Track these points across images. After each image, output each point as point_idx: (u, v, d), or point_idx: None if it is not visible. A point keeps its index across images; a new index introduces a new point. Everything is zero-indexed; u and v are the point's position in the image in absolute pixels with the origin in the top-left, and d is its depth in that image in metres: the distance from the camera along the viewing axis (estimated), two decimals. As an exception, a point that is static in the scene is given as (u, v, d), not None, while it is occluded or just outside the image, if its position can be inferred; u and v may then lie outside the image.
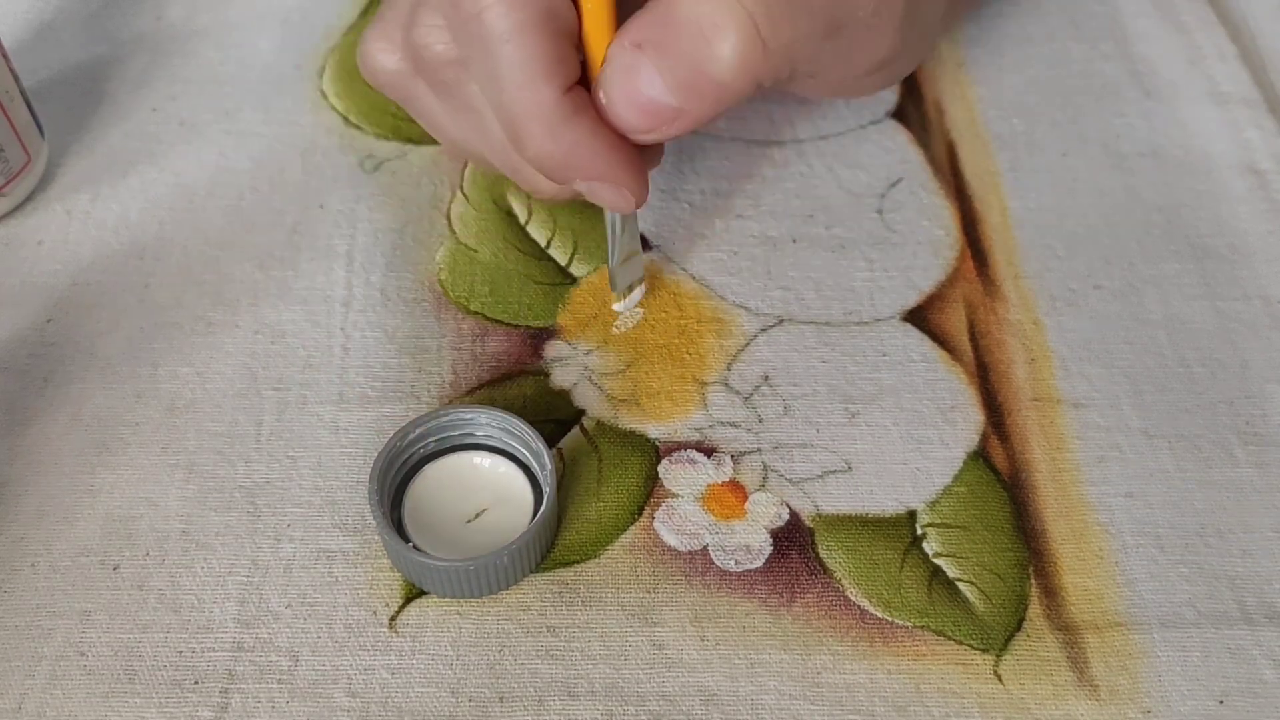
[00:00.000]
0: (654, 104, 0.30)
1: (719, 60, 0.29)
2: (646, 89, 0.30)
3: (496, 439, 0.33)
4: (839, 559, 0.32)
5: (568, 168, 0.31)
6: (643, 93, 0.30)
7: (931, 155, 0.42)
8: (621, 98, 0.30)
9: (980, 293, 0.38)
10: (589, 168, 0.31)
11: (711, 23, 0.29)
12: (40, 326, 0.37)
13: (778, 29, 0.29)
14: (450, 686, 0.30)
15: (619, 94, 0.30)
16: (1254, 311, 0.37)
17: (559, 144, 0.30)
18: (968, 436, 0.35)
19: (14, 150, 0.38)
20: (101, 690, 0.30)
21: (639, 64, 0.30)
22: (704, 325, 0.37)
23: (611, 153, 0.31)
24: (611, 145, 0.31)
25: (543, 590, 0.32)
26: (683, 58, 0.29)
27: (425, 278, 0.38)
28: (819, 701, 0.30)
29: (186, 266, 0.38)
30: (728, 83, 0.30)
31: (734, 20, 0.29)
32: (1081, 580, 0.32)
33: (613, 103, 0.30)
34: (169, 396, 0.35)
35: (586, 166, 0.31)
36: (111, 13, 0.46)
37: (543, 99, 0.30)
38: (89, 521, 0.33)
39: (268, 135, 0.42)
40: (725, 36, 0.29)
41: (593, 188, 0.32)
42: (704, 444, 0.34)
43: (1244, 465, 0.34)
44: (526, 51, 0.29)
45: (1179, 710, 0.30)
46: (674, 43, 0.29)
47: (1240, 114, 0.43)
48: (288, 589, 0.32)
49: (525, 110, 0.30)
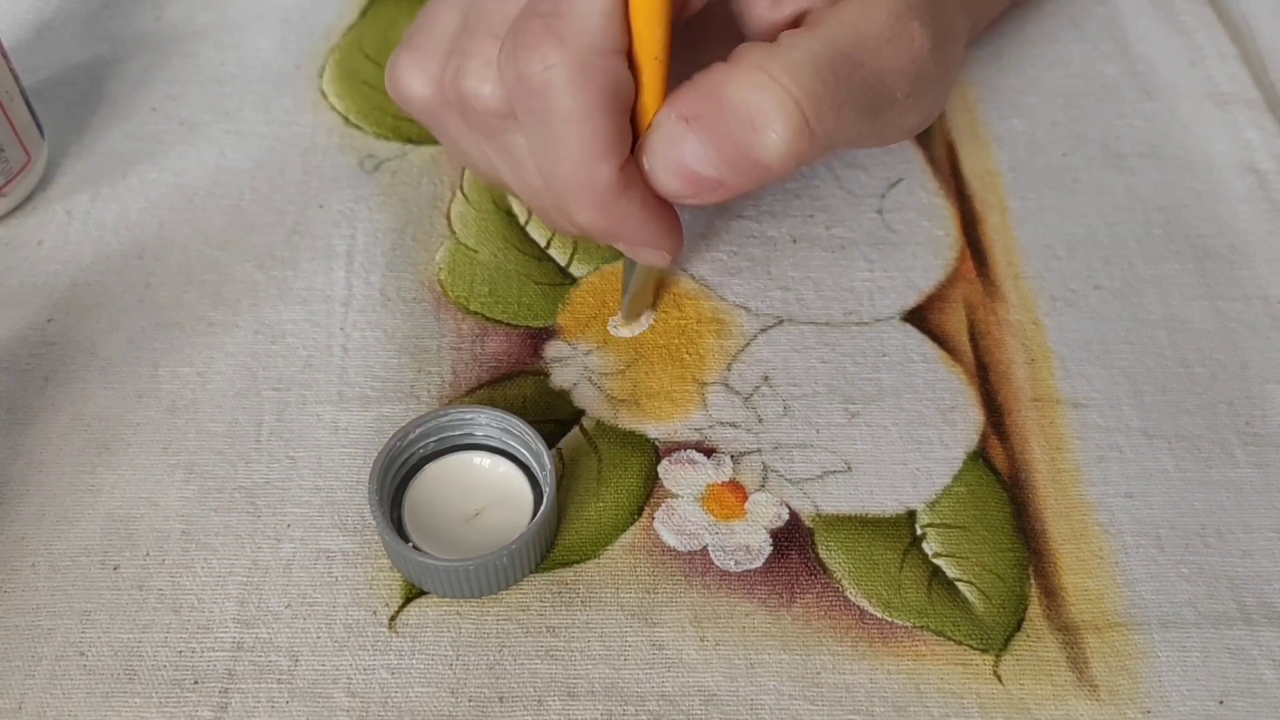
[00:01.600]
0: (697, 176, 0.30)
1: (766, 147, 0.29)
2: (691, 161, 0.30)
3: (496, 439, 0.33)
4: (839, 559, 0.32)
5: (613, 236, 0.32)
6: (687, 164, 0.30)
7: (931, 155, 0.42)
8: (665, 166, 0.30)
9: (980, 293, 0.38)
10: (633, 235, 0.32)
11: (761, 111, 0.29)
12: (41, 326, 0.37)
13: (823, 119, 0.29)
14: (450, 686, 0.30)
15: (663, 162, 0.30)
16: (1254, 311, 0.37)
17: (607, 217, 0.31)
18: (967, 437, 0.35)
19: (14, 150, 0.38)
20: (101, 690, 0.30)
21: (686, 136, 0.30)
22: (704, 325, 0.37)
23: (655, 221, 0.31)
24: (655, 214, 0.31)
25: (542, 590, 0.32)
26: (729, 138, 0.29)
27: (425, 278, 0.38)
28: (819, 702, 0.30)
29: (187, 266, 0.38)
30: (773, 166, 0.30)
31: (783, 112, 0.29)
32: (1081, 580, 0.32)
33: (655, 169, 0.30)
34: (169, 396, 0.35)
35: (632, 234, 0.31)
36: (111, 13, 0.46)
37: (598, 180, 0.30)
38: (89, 521, 0.33)
39: (268, 135, 0.42)
40: (773, 126, 0.29)
41: (633, 250, 0.32)
42: (704, 444, 0.34)
43: (1244, 465, 0.34)
44: (589, 134, 0.29)
45: (1179, 710, 0.30)
46: (721, 123, 0.29)
47: (1240, 114, 0.43)
48: (288, 589, 0.32)
49: (578, 187, 0.30)
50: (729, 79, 0.29)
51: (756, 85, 0.29)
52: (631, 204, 0.31)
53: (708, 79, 0.30)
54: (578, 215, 0.31)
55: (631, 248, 0.32)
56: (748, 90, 0.29)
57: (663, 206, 0.31)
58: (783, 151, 0.29)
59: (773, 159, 0.30)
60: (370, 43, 0.45)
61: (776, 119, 0.29)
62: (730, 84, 0.29)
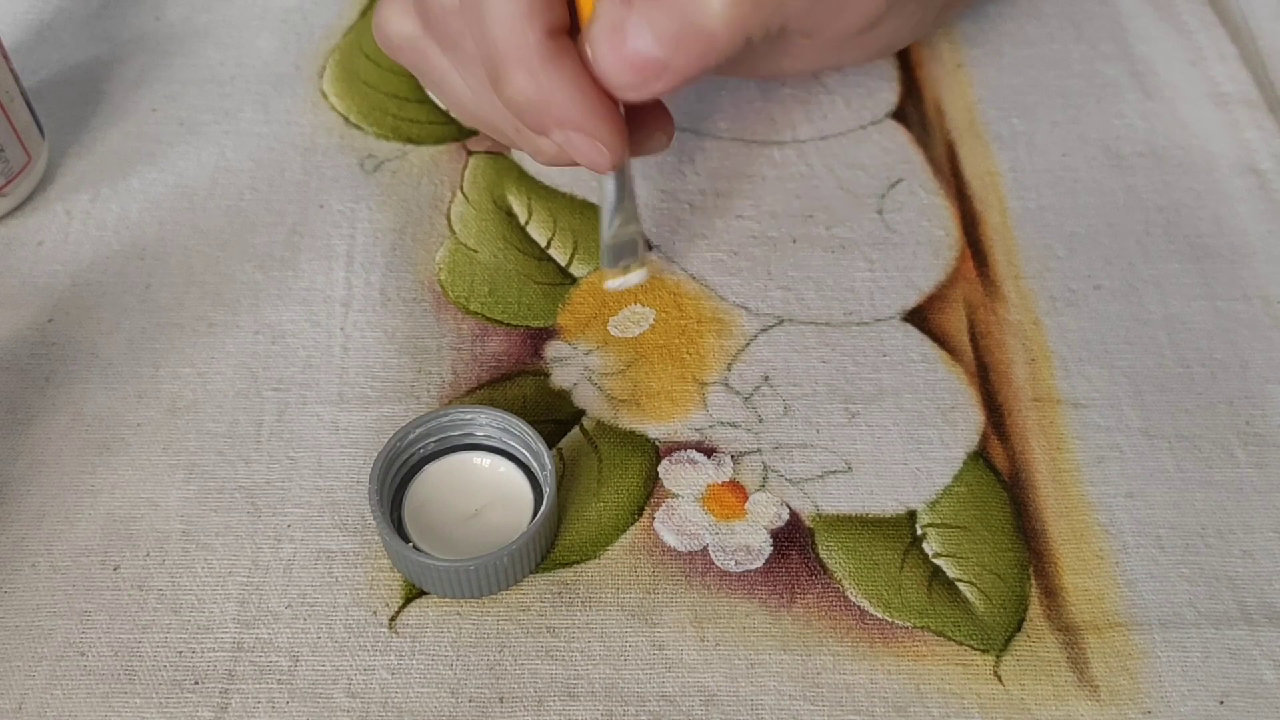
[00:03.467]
0: (640, 57, 0.30)
1: (709, 10, 0.29)
2: (633, 42, 0.29)
3: (496, 439, 0.33)
4: (839, 559, 0.32)
5: (544, 112, 0.31)
6: (629, 45, 0.29)
7: (931, 155, 0.42)
8: (608, 51, 0.30)
9: (980, 293, 0.38)
10: (565, 115, 0.30)
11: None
12: (41, 326, 0.37)
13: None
14: (450, 687, 0.30)
15: (606, 47, 0.30)
16: (1254, 311, 0.37)
17: (537, 86, 0.30)
18: (968, 437, 0.35)
19: (14, 150, 0.38)
20: (101, 690, 0.30)
21: (627, 17, 0.29)
22: (704, 325, 0.37)
23: (589, 102, 0.30)
24: (590, 94, 0.30)
25: (543, 590, 0.32)
26: (672, 9, 0.29)
27: (425, 278, 0.38)
28: (819, 702, 0.30)
29: (187, 267, 0.38)
30: (717, 34, 0.29)
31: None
32: (1082, 581, 0.32)
33: (599, 57, 0.30)
34: (170, 397, 0.35)
35: (562, 113, 0.30)
36: (111, 13, 0.46)
37: (525, 39, 0.30)
38: (90, 522, 0.33)
39: (268, 135, 0.42)
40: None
41: (569, 138, 0.31)
42: (704, 444, 0.34)
43: (1244, 465, 0.34)
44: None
45: (1179, 710, 0.30)
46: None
47: (1240, 114, 0.43)
48: (288, 589, 0.32)
49: (506, 49, 0.30)
50: None
51: None
52: (560, 75, 0.30)
53: None
54: (508, 87, 0.30)
55: (568, 138, 0.31)
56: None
57: (598, 89, 0.31)
58: (725, 15, 0.29)
59: (716, 24, 0.29)
60: (370, 43, 0.45)
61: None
62: None
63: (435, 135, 0.42)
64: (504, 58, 0.30)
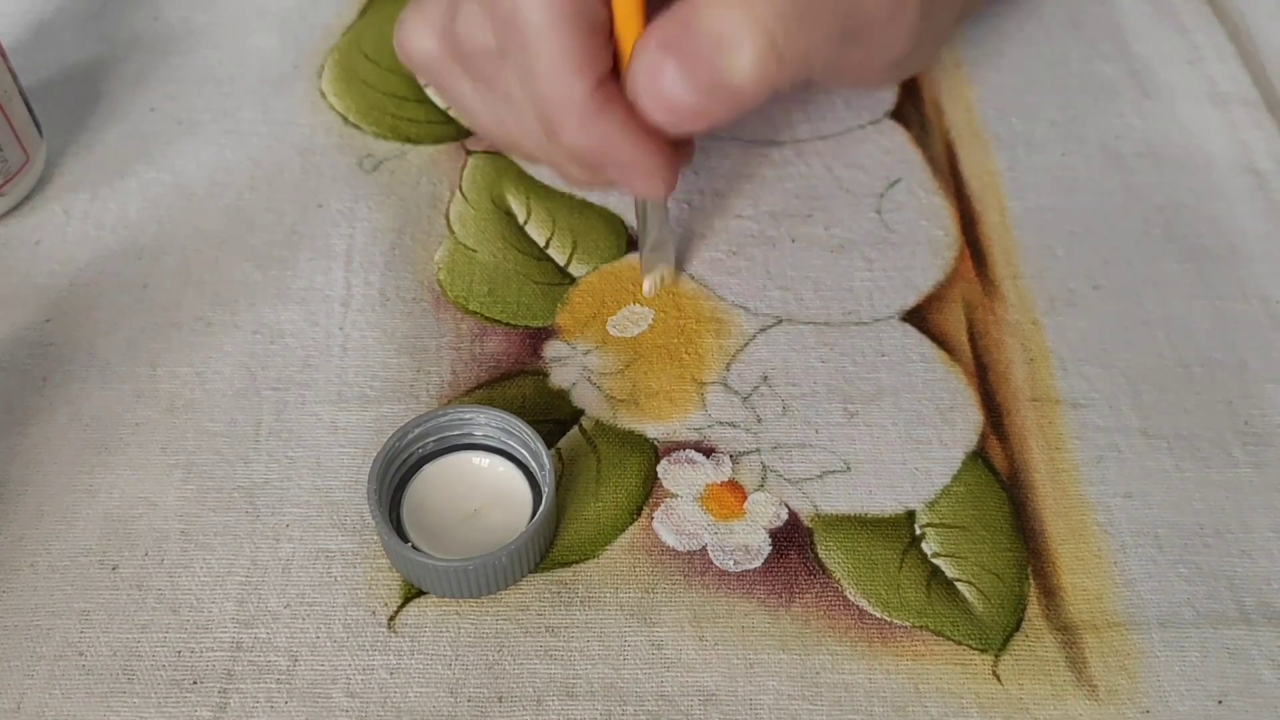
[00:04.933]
0: (677, 102, 0.31)
1: (737, 70, 0.30)
2: (669, 88, 0.31)
3: (495, 439, 0.33)
4: (838, 559, 0.32)
5: (600, 157, 0.32)
6: (666, 91, 0.31)
7: (930, 155, 0.42)
8: (646, 94, 0.31)
9: (979, 293, 0.38)
10: (620, 157, 0.32)
11: (729, 33, 0.30)
12: (39, 326, 0.37)
13: (793, 41, 0.30)
14: (449, 686, 0.30)
15: (644, 90, 0.31)
16: (1253, 312, 0.37)
17: (591, 135, 0.31)
18: (966, 436, 0.35)
19: (12, 150, 0.38)
20: (100, 690, 0.30)
21: (664, 64, 0.30)
22: (703, 325, 0.37)
23: (641, 143, 0.32)
24: (641, 136, 0.32)
25: (541, 590, 0.32)
26: (702, 64, 0.30)
27: (424, 278, 0.38)
28: (818, 701, 0.30)
29: (185, 266, 0.38)
30: (746, 90, 0.31)
31: (751, 34, 0.30)
32: (1080, 580, 0.32)
33: (638, 98, 0.31)
34: (168, 396, 0.35)
35: (617, 156, 0.32)
36: (110, 12, 0.46)
37: (575, 92, 0.31)
38: (88, 521, 0.33)
39: (266, 135, 0.42)
40: (741, 48, 0.30)
41: (624, 175, 0.33)
42: (703, 444, 0.34)
43: (1243, 465, 0.34)
44: (560, 46, 0.30)
45: (1177, 710, 0.30)
46: (693, 48, 0.30)
47: (1239, 114, 0.43)
48: (286, 589, 0.32)
49: (559, 103, 0.31)
50: (699, 4, 0.30)
51: (724, 7, 0.30)
52: (613, 123, 0.31)
53: (681, 5, 0.31)
54: (564, 136, 0.32)
55: (624, 174, 0.33)
56: (716, 13, 0.30)
57: (648, 130, 0.32)
58: (752, 74, 0.30)
59: (743, 82, 0.30)
60: (369, 42, 0.45)
61: (744, 40, 0.30)
62: (700, 9, 0.30)
63: (434, 135, 0.42)
64: (557, 111, 0.31)
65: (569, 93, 0.31)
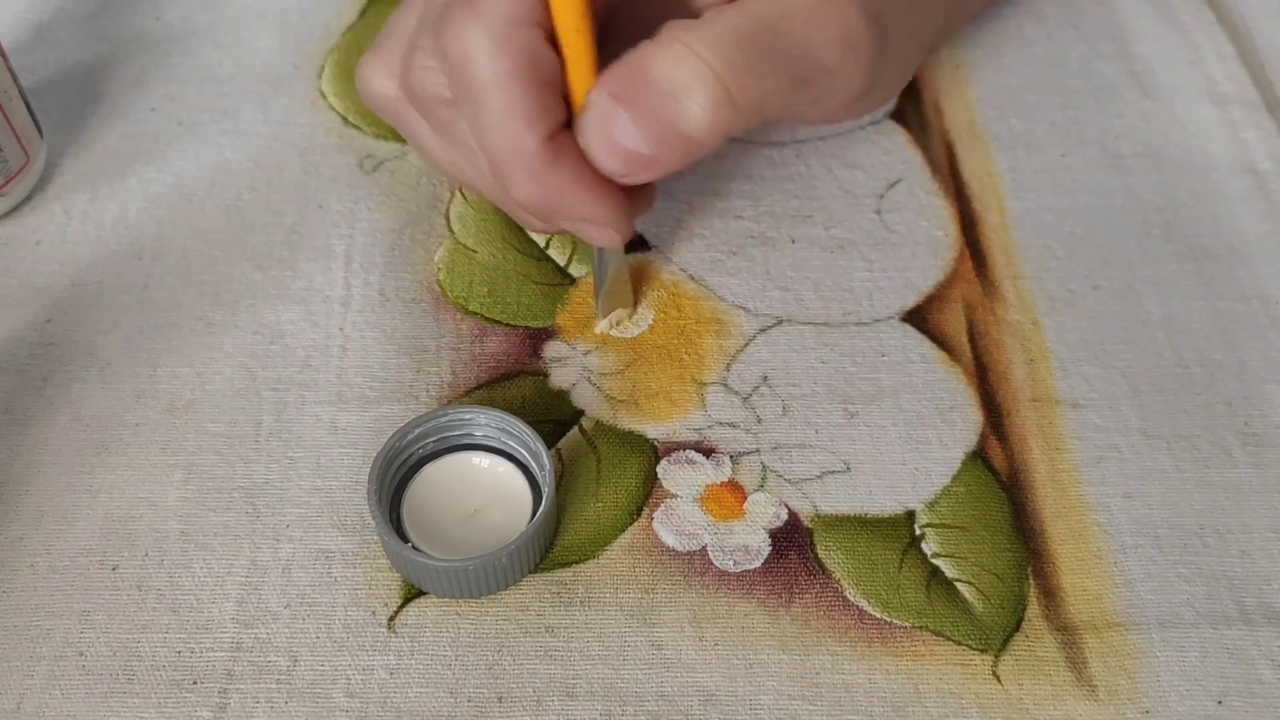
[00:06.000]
0: (630, 152, 0.31)
1: (689, 119, 0.30)
2: (622, 137, 0.30)
3: (495, 439, 0.33)
4: (838, 559, 0.32)
5: (552, 209, 0.32)
6: (618, 141, 0.31)
7: (930, 156, 0.42)
8: (598, 144, 0.31)
9: (979, 293, 0.38)
10: (571, 209, 0.32)
11: (682, 84, 0.30)
12: (39, 326, 0.37)
13: (745, 89, 0.30)
14: (449, 687, 0.30)
15: (596, 140, 0.31)
16: (1252, 312, 0.37)
17: (542, 188, 0.31)
18: (966, 437, 0.35)
19: (13, 150, 0.38)
20: (100, 690, 0.30)
21: (615, 114, 0.30)
22: (703, 326, 0.37)
23: (593, 194, 0.32)
24: (593, 187, 0.32)
25: (541, 590, 0.32)
26: (654, 112, 0.30)
27: (424, 278, 0.38)
28: (817, 702, 0.30)
29: (185, 266, 0.38)
30: (699, 139, 0.31)
31: (702, 82, 0.30)
32: (1080, 580, 0.32)
33: (591, 148, 0.31)
34: (168, 397, 0.35)
35: (569, 208, 0.32)
36: (110, 13, 0.46)
37: (525, 147, 0.31)
38: (88, 522, 0.33)
39: (266, 135, 0.42)
40: (695, 98, 0.30)
41: (578, 227, 0.33)
42: (703, 444, 0.34)
43: (1242, 466, 0.34)
44: (509, 100, 0.30)
45: (1177, 710, 0.30)
46: (646, 98, 0.30)
47: (1239, 114, 0.43)
48: (286, 589, 0.32)
49: (509, 156, 0.31)
50: (652, 54, 0.30)
51: (676, 58, 0.30)
52: (563, 175, 0.31)
53: (634, 56, 0.30)
54: (515, 189, 0.31)
55: (577, 226, 0.33)
56: (669, 64, 0.30)
57: (602, 182, 0.32)
58: (705, 123, 0.30)
59: (696, 130, 0.30)
60: (369, 43, 0.45)
61: (697, 90, 0.30)
62: (653, 59, 0.30)
63: (434, 135, 0.42)
64: (505, 165, 0.31)
65: (519, 146, 0.31)
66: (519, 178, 0.31)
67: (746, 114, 0.31)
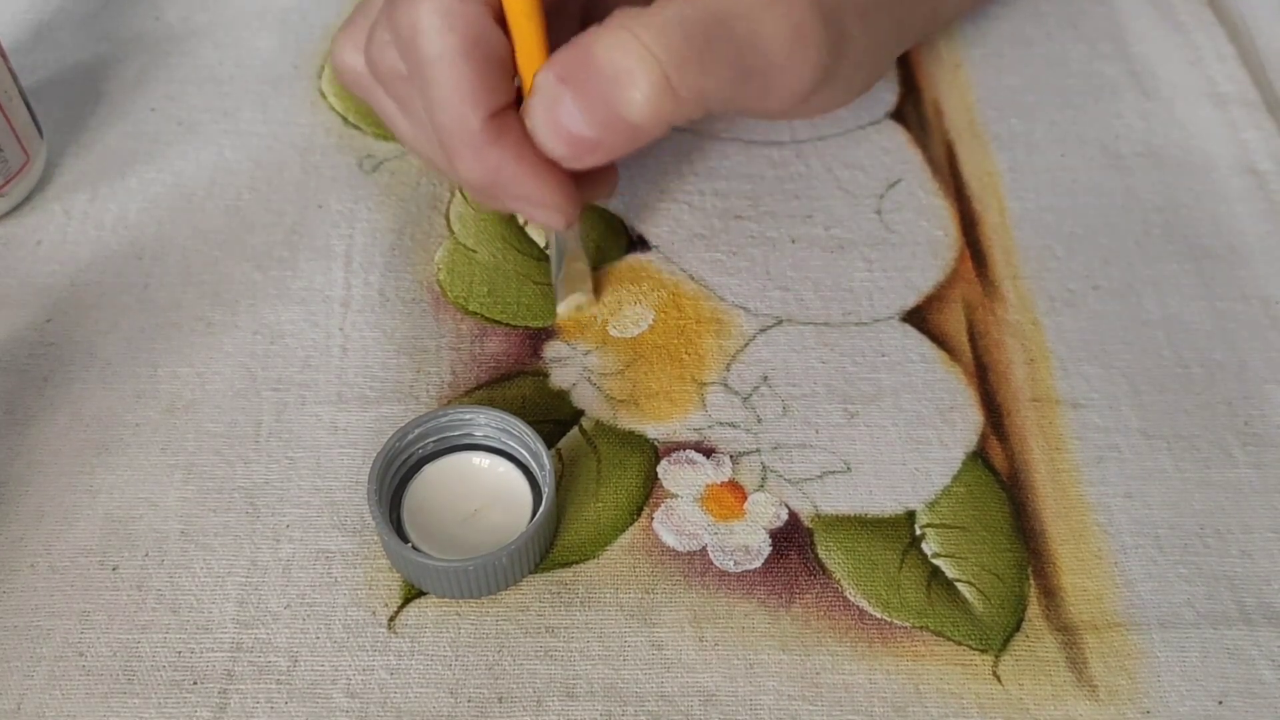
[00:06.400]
0: (574, 135, 0.31)
1: (631, 104, 0.30)
2: (567, 120, 0.31)
3: (495, 439, 0.33)
4: (838, 559, 0.32)
5: (494, 187, 0.32)
6: (564, 124, 0.31)
7: (930, 156, 0.42)
8: (544, 127, 0.31)
9: (979, 293, 0.38)
10: (513, 189, 0.32)
11: (626, 69, 0.30)
12: (40, 326, 0.37)
13: (687, 78, 0.30)
14: (449, 687, 0.30)
15: (542, 123, 0.31)
16: (1252, 312, 0.37)
17: (484, 166, 0.32)
18: (967, 437, 0.35)
19: (13, 150, 0.38)
20: (100, 691, 0.30)
21: (561, 96, 0.31)
22: (703, 326, 0.37)
23: (535, 176, 0.32)
24: (536, 168, 0.32)
25: (541, 591, 0.32)
26: (598, 97, 0.30)
27: (424, 278, 0.38)
28: (818, 702, 0.30)
29: (185, 267, 0.38)
30: (641, 126, 0.31)
31: (645, 69, 0.30)
32: (1080, 581, 0.32)
33: (537, 130, 0.31)
34: (168, 397, 0.35)
35: (511, 187, 0.32)
36: (110, 13, 0.46)
37: (468, 123, 0.31)
38: (88, 522, 0.33)
39: (266, 135, 0.42)
40: (637, 84, 0.30)
41: (522, 207, 0.33)
42: (703, 444, 0.34)
43: (1243, 466, 0.34)
44: (454, 76, 0.30)
45: (1178, 711, 0.30)
46: (591, 83, 0.30)
47: (1239, 114, 0.43)
48: (287, 589, 0.32)
49: (452, 133, 0.31)
50: (598, 39, 0.30)
51: (620, 44, 0.30)
52: (505, 154, 0.31)
53: (581, 39, 0.31)
54: (459, 165, 0.32)
55: (520, 206, 0.33)
56: (613, 50, 0.30)
57: (545, 163, 0.32)
58: (647, 110, 0.30)
59: (639, 117, 0.31)
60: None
61: (640, 77, 0.30)
62: (598, 44, 0.30)
63: (434, 135, 0.42)
64: (450, 140, 0.31)
65: (462, 123, 0.31)
66: (463, 154, 0.31)
67: (689, 104, 0.31)
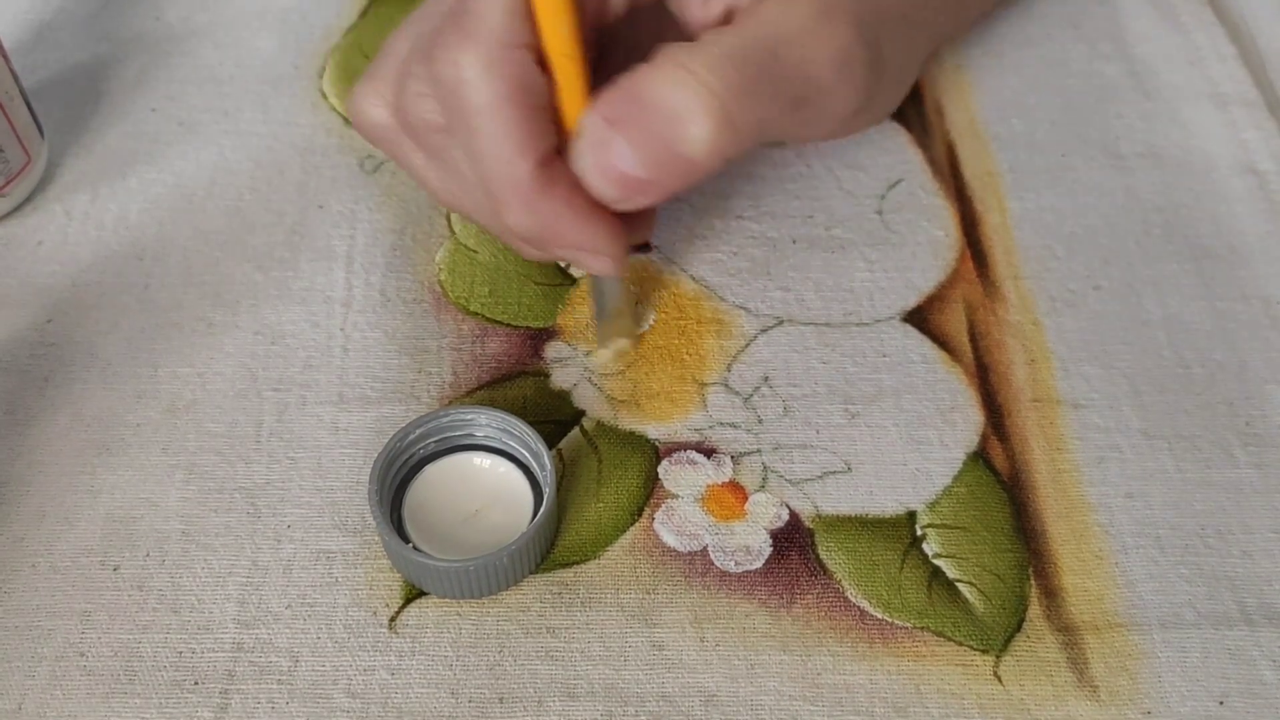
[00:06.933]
0: (626, 177, 0.30)
1: (691, 142, 0.30)
2: (619, 163, 0.30)
3: (496, 440, 0.33)
4: (839, 560, 0.32)
5: (545, 237, 0.32)
6: (615, 166, 0.30)
7: (931, 156, 0.42)
8: (595, 170, 0.31)
9: (980, 293, 0.38)
10: (565, 237, 0.32)
11: (683, 107, 0.30)
12: (40, 327, 0.37)
13: (745, 111, 0.30)
14: (450, 687, 0.30)
15: (592, 166, 0.31)
16: (1253, 312, 0.38)
17: (536, 216, 0.31)
18: (967, 437, 0.35)
19: (14, 150, 0.38)
20: (101, 691, 0.30)
21: (612, 139, 0.30)
22: (704, 326, 0.37)
23: (587, 222, 0.31)
24: (587, 215, 0.31)
25: (542, 591, 0.32)
26: (654, 137, 0.30)
27: (425, 278, 0.38)
28: (819, 702, 0.30)
29: (186, 267, 0.38)
30: (700, 162, 0.30)
31: (704, 106, 0.30)
32: (1081, 581, 0.32)
33: (586, 174, 0.31)
34: (169, 397, 0.35)
35: (563, 235, 0.31)
36: (110, 13, 0.46)
37: (518, 173, 0.30)
38: (89, 522, 0.33)
39: (267, 135, 0.42)
40: (696, 120, 0.30)
41: (572, 255, 0.32)
42: (704, 445, 0.34)
43: (1243, 466, 0.34)
44: (501, 126, 0.30)
45: (1179, 711, 0.30)
46: (645, 123, 0.30)
47: (1239, 114, 0.43)
48: (288, 589, 0.32)
49: (502, 184, 0.31)
50: (650, 78, 0.30)
51: (676, 82, 0.30)
52: (556, 202, 0.31)
53: (630, 79, 0.30)
54: (508, 217, 0.31)
55: (572, 254, 0.32)
56: (668, 87, 0.30)
57: (595, 209, 0.31)
58: (707, 146, 0.30)
59: (698, 153, 0.30)
60: (370, 43, 0.45)
61: (698, 113, 0.30)
62: (651, 83, 0.30)
63: (435, 135, 0.42)
64: (500, 192, 0.31)
65: (512, 174, 0.30)
66: (512, 205, 0.31)
67: (746, 135, 0.30)
